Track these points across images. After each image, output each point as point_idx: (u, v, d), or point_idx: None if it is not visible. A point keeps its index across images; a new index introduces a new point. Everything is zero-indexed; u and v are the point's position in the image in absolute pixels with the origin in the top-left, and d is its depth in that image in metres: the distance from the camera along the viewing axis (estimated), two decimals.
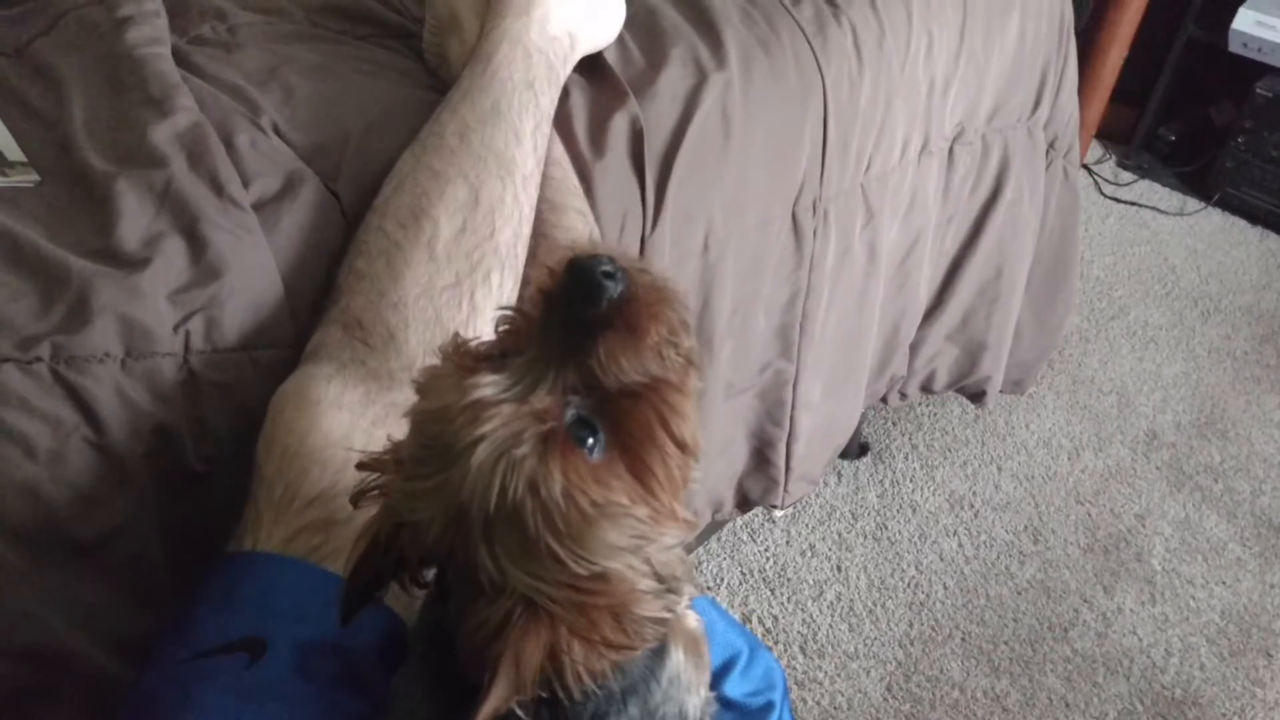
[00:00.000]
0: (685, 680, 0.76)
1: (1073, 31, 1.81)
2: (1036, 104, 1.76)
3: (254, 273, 0.92)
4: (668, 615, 0.64)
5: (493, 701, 0.58)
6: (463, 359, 0.63)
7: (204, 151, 0.95)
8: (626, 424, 0.62)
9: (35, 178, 0.93)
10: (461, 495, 0.58)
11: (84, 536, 0.81)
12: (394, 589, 0.75)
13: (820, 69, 1.34)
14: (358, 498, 0.65)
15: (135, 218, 0.89)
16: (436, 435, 0.60)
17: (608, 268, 0.62)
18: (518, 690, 0.59)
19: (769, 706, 0.85)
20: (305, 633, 0.75)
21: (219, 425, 0.88)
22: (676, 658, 0.75)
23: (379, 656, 0.76)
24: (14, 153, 0.95)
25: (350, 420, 0.83)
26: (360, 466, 0.66)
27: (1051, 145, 1.86)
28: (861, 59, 1.39)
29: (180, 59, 1.09)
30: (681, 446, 0.64)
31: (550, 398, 0.61)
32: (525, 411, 0.59)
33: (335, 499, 0.79)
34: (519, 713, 0.61)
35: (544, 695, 0.62)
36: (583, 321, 0.62)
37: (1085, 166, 2.94)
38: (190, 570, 0.84)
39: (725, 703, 0.83)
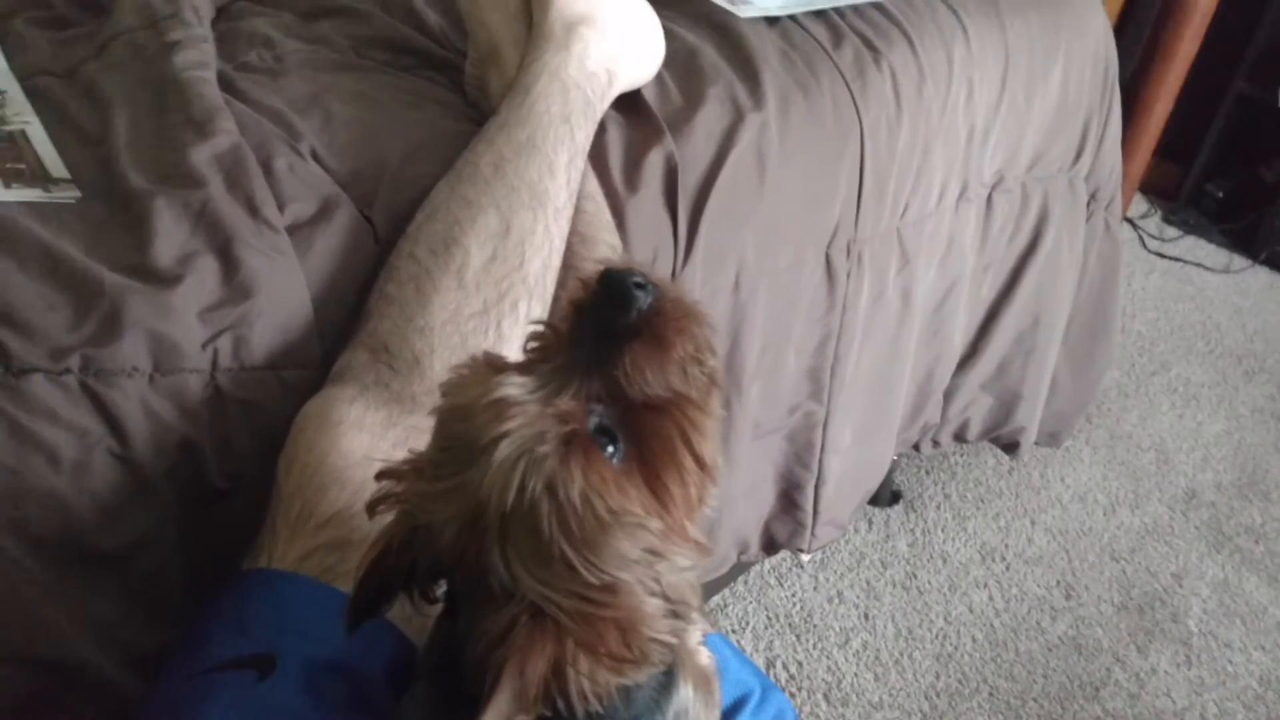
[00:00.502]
0: (694, 716, 0.75)
1: (1117, 83, 1.80)
2: (1078, 154, 1.75)
3: (284, 294, 0.93)
4: (674, 640, 0.63)
5: (494, 710, 0.58)
6: (491, 363, 0.64)
7: (241, 174, 0.96)
8: (647, 437, 0.63)
9: (77, 194, 0.95)
10: (480, 493, 0.58)
11: (105, 549, 0.82)
12: (407, 615, 0.75)
13: (858, 112, 1.35)
14: (374, 506, 0.65)
15: (170, 235, 0.90)
16: (458, 434, 0.61)
17: (639, 279, 0.64)
18: (521, 701, 0.58)
19: None
20: (315, 652, 0.75)
21: (243, 443, 0.89)
22: (685, 693, 0.74)
23: (388, 680, 0.76)
24: (58, 170, 0.97)
25: (371, 442, 0.84)
26: (379, 476, 0.66)
27: (1093, 197, 1.85)
28: (901, 104, 1.39)
29: (226, 84, 1.12)
30: (700, 464, 0.64)
31: (574, 402, 0.62)
32: (549, 412, 0.60)
33: (352, 519, 0.80)
34: None
35: (547, 715, 0.62)
36: (612, 330, 0.63)
37: (1130, 221, 2.92)
38: (207, 588, 0.85)
39: None
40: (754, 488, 1.48)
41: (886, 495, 2.04)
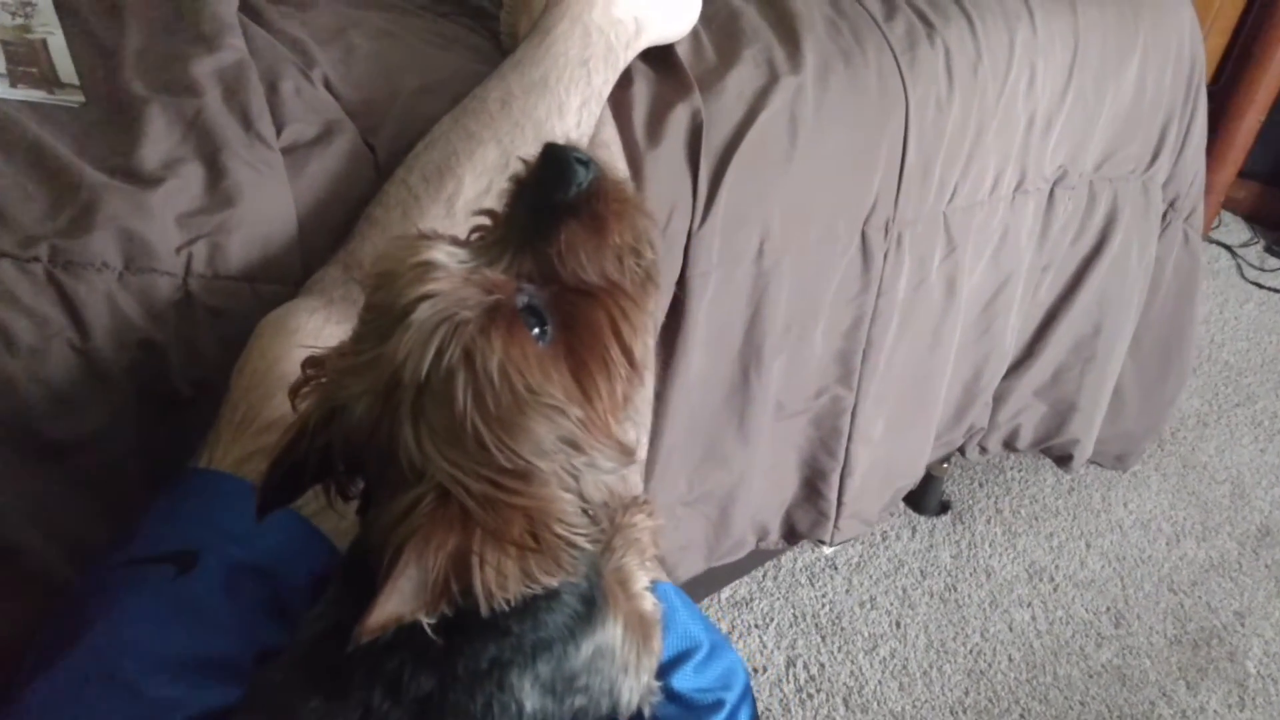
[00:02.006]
0: (621, 659, 0.71)
1: (1204, 88, 1.71)
2: (1154, 157, 1.66)
3: (269, 208, 0.92)
4: (587, 546, 0.60)
5: (395, 592, 0.54)
6: (425, 234, 0.62)
7: (241, 88, 0.96)
8: (576, 323, 0.61)
9: (81, 99, 0.96)
10: (396, 359, 0.56)
11: (55, 437, 0.82)
12: (344, 528, 0.73)
13: (905, 87, 1.29)
14: (295, 391, 0.63)
15: (159, 140, 0.90)
16: (381, 301, 0.58)
17: (581, 156, 0.62)
18: (423, 586, 0.55)
19: (717, 705, 0.79)
20: (240, 553, 0.74)
21: (210, 351, 0.88)
22: (612, 631, 0.71)
23: (311, 588, 0.74)
24: (68, 75, 0.99)
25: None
26: (305, 364, 0.64)
27: (1172, 205, 1.76)
28: (953, 82, 1.34)
29: (254, 12, 1.12)
30: (628, 357, 0.62)
31: (504, 276, 0.60)
32: (475, 279, 0.58)
33: None
34: (424, 625, 0.57)
35: (449, 614, 0.58)
36: (549, 206, 0.61)
37: (1228, 248, 2.78)
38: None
39: (671, 694, 0.78)
40: (775, 470, 1.43)
41: (935, 504, 1.97)
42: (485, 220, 0.64)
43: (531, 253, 0.61)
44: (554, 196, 0.61)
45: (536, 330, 0.59)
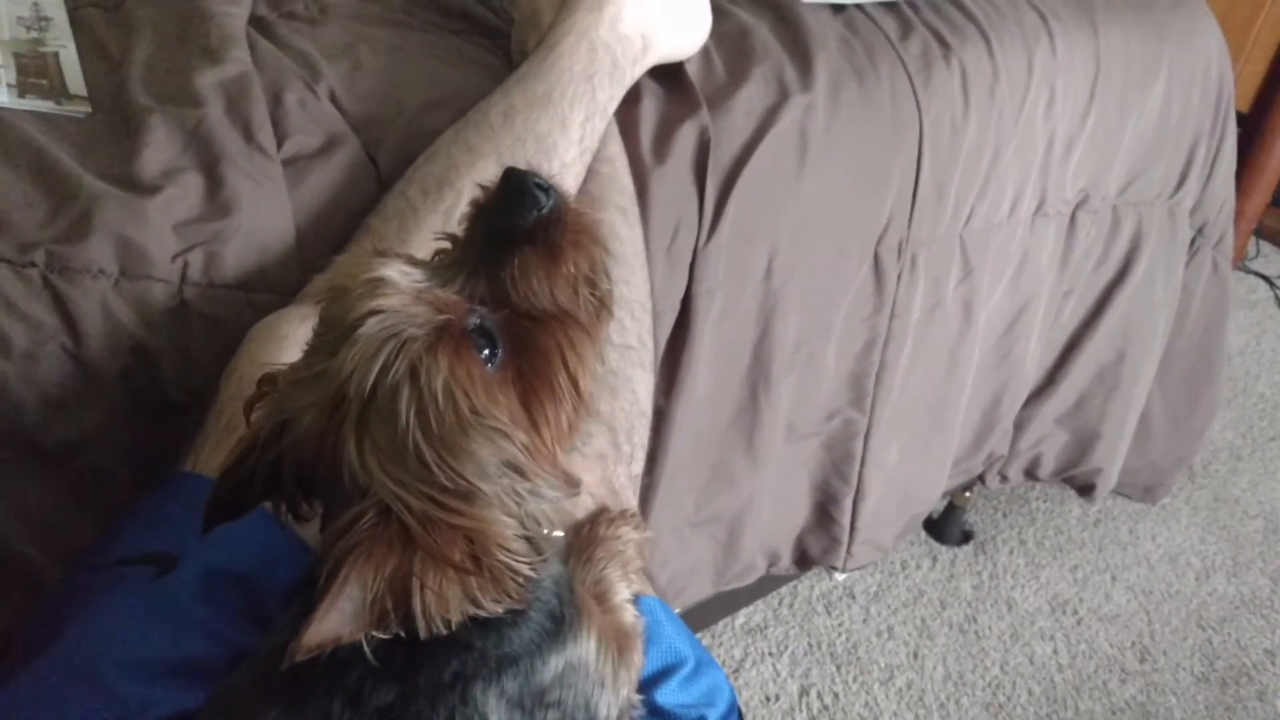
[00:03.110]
0: (595, 673, 0.70)
1: (1233, 112, 1.68)
2: (1181, 182, 1.64)
3: (266, 218, 0.92)
4: (532, 574, 0.59)
5: (334, 610, 0.54)
6: (381, 251, 0.62)
7: (243, 100, 0.97)
8: (527, 349, 0.60)
9: (87, 109, 0.97)
10: (342, 373, 0.55)
11: (47, 442, 0.82)
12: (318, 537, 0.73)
13: (919, 106, 1.28)
14: (250, 406, 0.63)
15: (160, 149, 0.91)
16: (332, 315, 0.58)
17: (541, 182, 0.62)
18: (363, 605, 0.54)
19: None
20: (218, 558, 0.73)
21: (204, 359, 0.88)
22: (584, 646, 0.69)
23: (286, 596, 0.73)
24: (77, 86, 1.00)
25: None
26: (260, 381, 0.64)
27: (1200, 232, 1.73)
28: (969, 102, 1.32)
29: (264, 28, 1.13)
30: (575, 386, 0.61)
31: (456, 297, 0.59)
32: (426, 298, 0.58)
33: None
34: (364, 647, 0.57)
35: (399, 634, 0.58)
36: (505, 230, 0.61)
37: (1267, 279, 2.73)
38: None
39: (654, 709, 0.76)
40: (786, 493, 1.41)
41: (956, 533, 1.93)
42: (446, 244, 0.64)
43: (485, 276, 0.60)
44: (510, 222, 0.61)
45: (486, 352, 0.58)
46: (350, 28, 1.17)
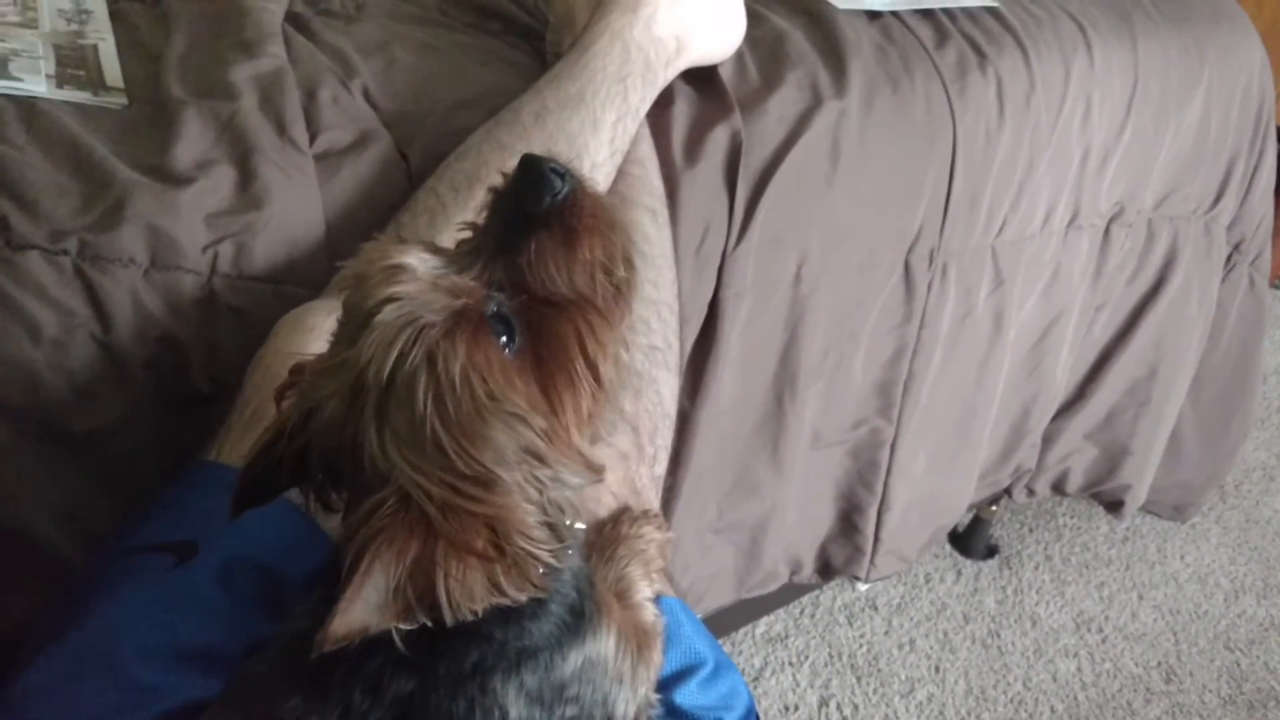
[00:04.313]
0: (614, 670, 0.70)
1: (1274, 128, 1.66)
2: (1218, 198, 1.62)
3: (297, 211, 0.93)
4: (554, 562, 0.59)
5: (359, 600, 0.53)
6: (401, 238, 0.62)
7: (277, 94, 0.97)
8: (545, 335, 0.60)
9: (124, 101, 0.98)
10: (361, 360, 0.55)
11: (73, 428, 0.83)
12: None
13: (953, 115, 1.27)
14: (280, 394, 0.63)
15: (193, 142, 0.92)
16: (352, 303, 0.58)
17: (558, 168, 0.62)
18: (388, 594, 0.54)
19: None
20: (238, 547, 0.73)
21: (231, 350, 0.89)
22: (604, 643, 0.69)
23: (306, 586, 0.73)
24: (114, 78, 1.01)
25: None
26: (292, 371, 0.64)
27: (1236, 248, 1.71)
28: (1004, 112, 1.32)
29: (300, 24, 1.14)
30: (594, 372, 0.60)
31: (473, 283, 0.59)
32: (444, 284, 0.57)
33: None
34: (395, 636, 0.56)
35: (425, 624, 0.57)
36: (523, 216, 0.61)
37: None
38: None
39: (672, 709, 0.76)
40: (810, 501, 1.40)
41: (981, 548, 1.92)
42: (468, 233, 0.64)
43: (503, 262, 0.60)
44: (527, 207, 0.61)
45: (504, 339, 0.58)
46: (386, 26, 1.18)
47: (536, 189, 0.60)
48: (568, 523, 0.60)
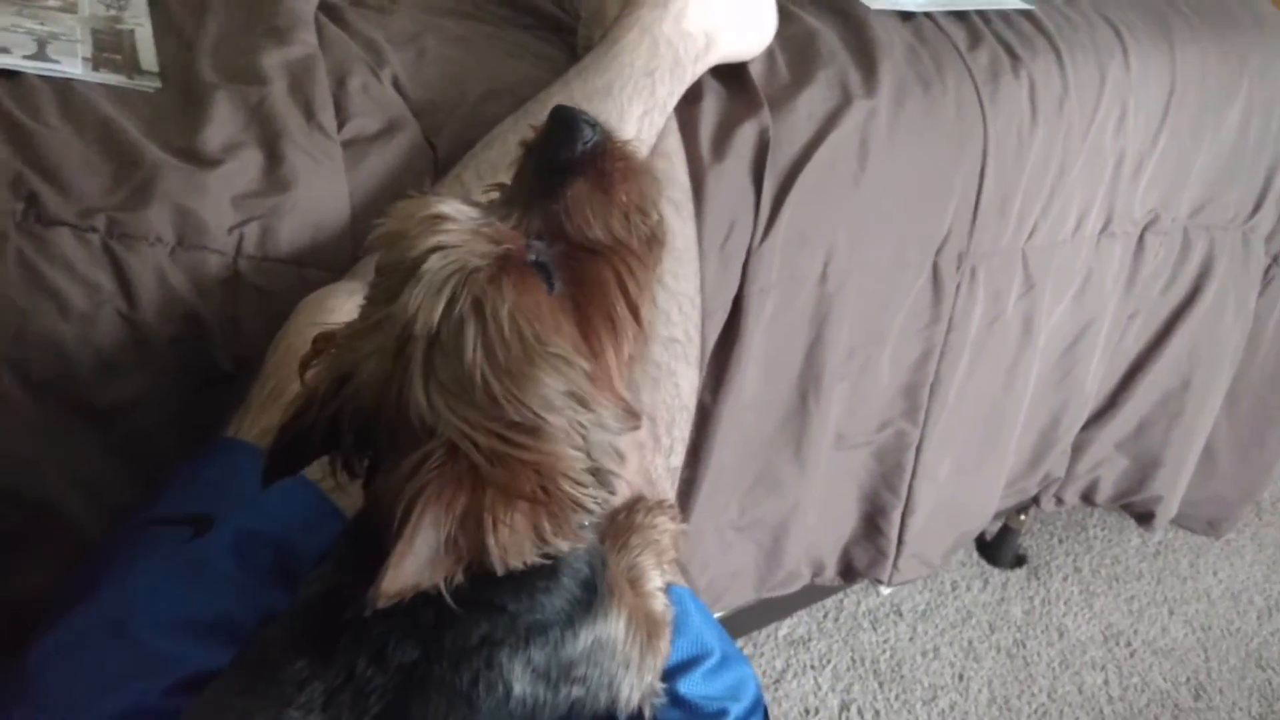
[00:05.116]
0: (622, 654, 0.70)
1: None
2: (1256, 208, 1.60)
3: (323, 196, 0.94)
4: (596, 508, 0.59)
5: (411, 554, 0.53)
6: (435, 191, 0.63)
7: (307, 80, 0.99)
8: (583, 279, 0.61)
9: (157, 85, 1.00)
10: (407, 312, 0.55)
11: (98, 401, 0.84)
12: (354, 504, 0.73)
13: (985, 117, 1.27)
14: (305, 364, 0.63)
15: (223, 125, 0.93)
16: (391, 261, 0.58)
17: (588, 118, 0.63)
18: (438, 547, 0.54)
19: (721, 714, 0.77)
20: (252, 521, 0.74)
21: (254, 330, 0.90)
22: (614, 625, 0.69)
23: (319, 560, 0.74)
24: (149, 62, 1.02)
25: None
26: (316, 340, 0.65)
27: (1275, 260, 1.69)
28: (1037, 116, 1.31)
29: (334, 14, 1.15)
30: (634, 314, 0.62)
31: (514, 230, 0.60)
32: (485, 231, 0.58)
33: None
34: (444, 593, 0.56)
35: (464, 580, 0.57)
36: (556, 164, 0.62)
37: None
38: None
39: (676, 698, 0.76)
40: (833, 502, 1.40)
41: (1009, 556, 1.90)
42: (495, 193, 0.64)
43: (539, 211, 0.61)
44: (560, 155, 0.62)
45: (545, 286, 0.59)
46: (418, 18, 1.19)
47: (569, 136, 0.62)
48: (610, 469, 0.60)
